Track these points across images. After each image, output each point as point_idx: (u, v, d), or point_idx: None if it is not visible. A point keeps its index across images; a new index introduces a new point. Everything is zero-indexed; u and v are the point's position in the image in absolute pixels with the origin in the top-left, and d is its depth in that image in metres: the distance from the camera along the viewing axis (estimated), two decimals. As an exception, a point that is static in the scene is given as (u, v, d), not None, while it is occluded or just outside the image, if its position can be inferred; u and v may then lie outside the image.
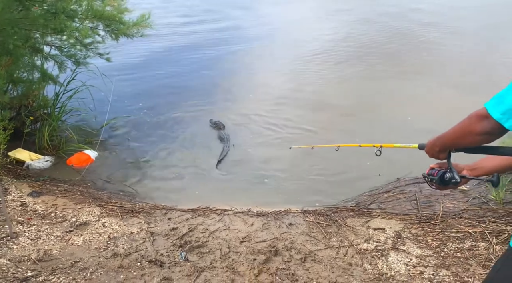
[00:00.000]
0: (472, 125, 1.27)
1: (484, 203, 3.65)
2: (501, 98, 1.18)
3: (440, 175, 1.53)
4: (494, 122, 1.19)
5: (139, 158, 4.76)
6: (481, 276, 2.65)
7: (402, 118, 5.55)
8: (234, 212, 3.64)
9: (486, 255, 2.89)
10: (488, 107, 1.21)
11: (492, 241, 3.03)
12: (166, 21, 10.13)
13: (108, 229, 3.29)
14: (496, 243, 3.00)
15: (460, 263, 2.81)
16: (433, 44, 8.97)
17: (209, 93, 6.53)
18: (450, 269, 2.73)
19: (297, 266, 2.80)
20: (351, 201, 3.93)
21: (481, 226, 3.25)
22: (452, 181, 1.52)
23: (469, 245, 3.03)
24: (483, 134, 1.25)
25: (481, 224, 3.28)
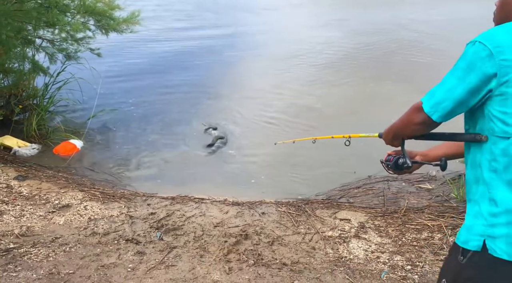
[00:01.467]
0: (410, 116, 1.37)
1: (446, 200, 3.89)
2: (432, 93, 1.30)
3: (395, 161, 1.62)
4: (425, 114, 1.30)
5: (123, 148, 4.95)
6: (432, 261, 2.88)
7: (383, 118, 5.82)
8: (211, 201, 3.83)
9: (439, 245, 3.12)
10: (423, 101, 1.32)
11: (447, 233, 3.26)
12: (162, 21, 10.36)
13: (89, 212, 3.46)
14: (450, 235, 3.24)
15: (415, 251, 3.04)
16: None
17: (199, 91, 6.73)
18: (405, 255, 2.96)
19: (264, 248, 3.00)
20: (323, 195, 4.15)
21: (439, 220, 3.49)
22: (404, 166, 1.59)
23: (426, 236, 3.26)
24: (419, 125, 1.35)
25: (440, 218, 3.52)
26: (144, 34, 8.46)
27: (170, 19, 11.44)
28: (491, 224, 1.22)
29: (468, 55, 1.25)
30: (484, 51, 1.20)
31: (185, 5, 13.15)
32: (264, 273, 2.65)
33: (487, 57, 1.19)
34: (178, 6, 13.04)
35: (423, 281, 2.65)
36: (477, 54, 1.21)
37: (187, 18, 11.72)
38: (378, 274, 2.71)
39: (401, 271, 2.76)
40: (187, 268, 2.66)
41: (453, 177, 4.21)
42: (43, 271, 2.51)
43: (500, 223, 1.21)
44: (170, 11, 12.17)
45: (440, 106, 1.27)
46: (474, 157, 1.31)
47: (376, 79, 7.64)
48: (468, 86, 1.22)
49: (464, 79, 1.23)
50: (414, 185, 4.21)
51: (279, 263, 2.78)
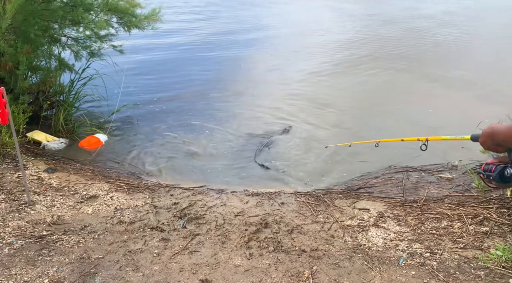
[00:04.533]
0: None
1: (466, 190, 3.88)
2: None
3: (499, 171, 1.28)
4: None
5: (146, 142, 5.10)
6: (451, 249, 2.89)
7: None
8: (231, 192, 3.94)
9: (459, 233, 3.12)
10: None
11: (467, 222, 3.26)
12: (182, 17, 10.50)
13: (115, 202, 3.61)
14: (470, 224, 3.24)
15: (434, 239, 3.06)
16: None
17: (220, 87, 6.87)
18: (423, 243, 2.98)
19: (284, 236, 3.08)
20: (342, 185, 4.19)
21: (459, 209, 3.48)
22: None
23: (445, 224, 3.27)
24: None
25: (460, 207, 3.52)
26: (165, 31, 8.64)
27: (189, 15, 11.58)
28: None
29: None
30: None
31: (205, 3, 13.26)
32: (283, 258, 2.72)
33: None
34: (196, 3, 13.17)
35: (442, 267, 2.67)
36: None
37: (209, 14, 11.82)
38: (396, 260, 2.74)
39: (420, 258, 2.79)
40: (210, 253, 2.76)
41: (474, 166, 4.18)
42: (74, 256, 2.66)
43: None
44: (188, 8, 12.29)
45: None
46: None
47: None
48: None
49: None
50: (434, 174, 4.20)
51: (298, 249, 2.85)
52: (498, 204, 3.46)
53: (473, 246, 2.95)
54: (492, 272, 2.61)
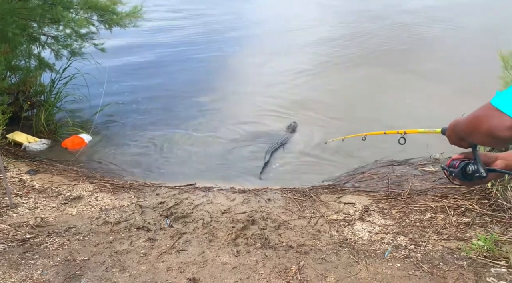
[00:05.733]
0: (481, 119, 1.01)
1: (449, 182, 3.94)
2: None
3: (462, 167, 1.22)
4: (507, 118, 0.95)
5: (130, 141, 5.05)
6: (435, 241, 2.95)
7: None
8: (218, 189, 3.93)
9: (442, 225, 3.19)
10: (499, 100, 0.97)
11: (450, 213, 3.33)
12: (164, 15, 10.41)
13: (100, 202, 3.57)
14: (453, 215, 3.31)
15: (418, 231, 3.11)
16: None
17: (201, 85, 6.82)
18: (408, 236, 3.03)
19: (271, 233, 3.09)
20: (328, 181, 4.23)
21: (442, 201, 3.55)
22: (476, 175, 1.19)
23: (429, 216, 3.33)
24: (490, 136, 0.99)
25: (443, 200, 3.58)
26: (148, 29, 8.56)
27: (171, 13, 11.50)
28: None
29: None
30: None
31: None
32: (271, 255, 2.74)
33: None
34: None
35: (426, 259, 2.72)
36: None
37: (191, 12, 11.74)
38: (381, 253, 2.79)
39: (405, 250, 2.84)
40: (197, 252, 2.76)
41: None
42: (59, 258, 2.62)
43: None
44: (169, 6, 12.20)
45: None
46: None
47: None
48: None
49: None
50: (418, 168, 4.26)
51: (285, 245, 2.87)
52: (479, 195, 3.54)
53: (456, 237, 3.02)
54: (475, 262, 2.67)
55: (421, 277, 2.53)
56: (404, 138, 1.76)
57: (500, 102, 0.95)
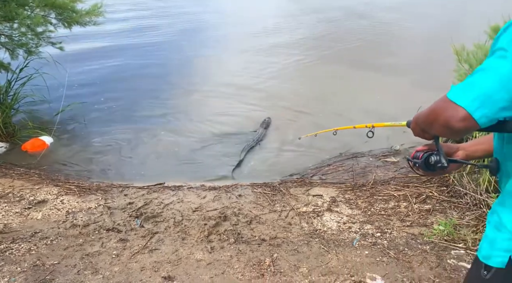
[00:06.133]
0: (438, 112, 1.06)
1: (410, 172, 4.13)
2: (469, 84, 1.02)
3: (425, 158, 1.27)
4: (461, 111, 1.01)
5: (94, 142, 4.92)
6: (399, 228, 3.10)
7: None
8: (188, 188, 3.92)
9: (405, 212, 3.35)
10: (454, 94, 1.03)
11: (412, 201, 3.50)
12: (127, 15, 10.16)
13: (66, 205, 3.48)
14: (415, 203, 3.48)
15: (383, 219, 3.26)
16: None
17: (166, 84, 6.75)
18: (374, 224, 3.17)
19: (243, 228, 3.13)
20: (296, 174, 4.32)
21: (404, 190, 3.72)
22: (438, 165, 1.25)
23: (393, 205, 3.48)
24: (446, 127, 1.05)
25: (405, 188, 3.76)
26: (108, 27, 8.35)
27: (132, 12, 11.26)
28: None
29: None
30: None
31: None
32: (244, 249, 2.78)
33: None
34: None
35: (392, 245, 2.86)
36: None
37: (153, 11, 11.53)
38: (350, 242, 2.90)
39: (371, 238, 2.96)
40: (171, 250, 2.76)
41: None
42: (27, 264, 2.54)
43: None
44: (132, 4, 11.94)
45: (490, 99, 0.96)
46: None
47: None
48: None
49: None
50: (381, 159, 4.44)
51: (258, 239, 2.92)
52: (438, 183, 3.74)
53: (418, 223, 3.18)
54: (437, 246, 2.84)
55: (388, 263, 2.65)
56: (372, 131, 1.80)
57: (454, 95, 1.01)
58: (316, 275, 2.52)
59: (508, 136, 1.15)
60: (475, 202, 3.32)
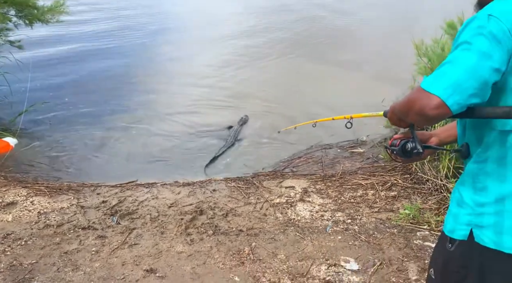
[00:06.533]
0: (414, 100, 1.14)
1: (375, 161, 4.35)
2: (441, 74, 1.10)
3: (402, 145, 1.35)
4: (435, 99, 1.09)
5: (61, 142, 4.82)
6: (368, 214, 3.27)
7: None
8: (161, 184, 3.93)
9: (373, 200, 3.53)
10: (427, 84, 1.11)
11: (379, 189, 3.70)
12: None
13: (37, 206, 3.41)
14: (381, 190, 3.68)
15: (353, 207, 3.43)
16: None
17: (131, 84, 6.68)
18: (345, 211, 3.33)
19: (220, 220, 3.20)
20: (269, 168, 4.43)
21: (371, 178, 3.92)
22: (414, 152, 1.33)
23: (361, 193, 3.67)
24: (421, 114, 1.13)
25: (372, 177, 3.96)
26: (71, 24, 8.13)
27: (93, 5, 10.99)
28: (478, 213, 1.21)
29: (488, 29, 1.07)
30: (504, 26, 1.06)
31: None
32: (223, 240, 2.86)
33: (508, 33, 1.06)
34: None
35: (362, 230, 3.02)
36: (500, 29, 1.06)
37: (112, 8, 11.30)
38: (323, 229, 3.04)
39: (343, 224, 3.12)
40: (150, 244, 2.79)
41: (380, 140, 4.70)
42: (3, 265, 2.50)
43: (489, 213, 1.18)
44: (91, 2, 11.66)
45: (461, 87, 1.05)
46: (482, 137, 1.21)
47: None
48: (494, 65, 1.05)
49: (491, 56, 1.05)
50: (348, 150, 4.63)
51: (235, 230, 3.01)
52: (402, 171, 3.96)
53: (385, 209, 3.37)
54: (403, 228, 3.03)
55: (360, 246, 2.81)
56: (350, 122, 1.80)
57: (428, 85, 1.08)
58: (293, 261, 2.64)
59: (469, 122, 1.26)
60: (436, 187, 3.56)
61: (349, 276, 2.50)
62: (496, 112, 1.11)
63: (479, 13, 1.12)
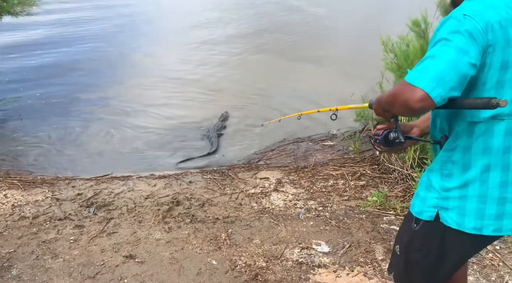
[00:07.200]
0: (399, 93, 1.21)
1: (345, 153, 4.54)
2: (422, 69, 1.17)
3: (384, 135, 1.41)
4: (420, 92, 1.15)
5: (34, 137, 4.77)
6: (338, 202, 3.44)
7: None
8: (137, 177, 3.98)
9: (343, 189, 3.70)
10: (411, 78, 1.18)
11: (348, 179, 3.87)
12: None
13: (11, 199, 3.39)
14: (351, 180, 3.85)
15: (324, 196, 3.58)
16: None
17: (103, 78, 6.64)
18: (316, 200, 3.48)
19: (197, 210, 3.29)
20: (243, 160, 4.54)
21: (341, 169, 4.10)
22: (396, 141, 1.40)
23: (332, 183, 3.83)
24: (405, 106, 1.20)
25: (342, 168, 4.13)
26: (43, 18, 7.96)
27: (66, 3, 10.77)
28: (444, 197, 1.32)
29: (464, 28, 1.15)
30: (478, 25, 1.15)
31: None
32: (201, 227, 2.95)
33: (482, 32, 1.15)
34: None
35: (333, 216, 3.18)
36: (475, 28, 1.14)
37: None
38: (296, 216, 3.18)
39: (315, 211, 3.27)
40: (129, 233, 2.85)
41: (350, 133, 4.89)
42: (-21, 255, 2.50)
43: (454, 197, 1.30)
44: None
45: (443, 80, 1.12)
46: (453, 127, 1.31)
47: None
48: (471, 60, 1.13)
49: (467, 52, 1.13)
50: (319, 143, 4.80)
51: (212, 218, 3.10)
52: (370, 162, 4.16)
53: (355, 197, 3.54)
54: (371, 214, 3.21)
55: (331, 231, 2.97)
56: (335, 114, 1.82)
57: (412, 78, 1.15)
58: (268, 245, 2.76)
59: (443, 113, 1.34)
60: (402, 176, 3.76)
61: (320, 257, 2.65)
62: (476, 103, 1.16)
63: (454, 12, 1.19)
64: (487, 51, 1.15)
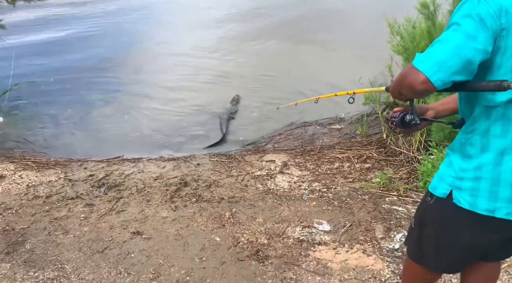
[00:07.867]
0: (405, 75, 1.26)
1: (352, 137, 4.55)
2: (429, 53, 1.20)
3: (401, 117, 1.46)
4: (421, 75, 1.20)
5: (48, 120, 4.92)
6: (342, 183, 3.48)
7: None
8: (147, 159, 4.08)
9: (348, 171, 3.74)
10: (417, 61, 1.22)
11: (354, 161, 3.91)
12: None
13: (25, 180, 3.54)
14: (357, 163, 3.89)
15: (329, 178, 3.63)
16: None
17: (119, 65, 6.75)
18: (321, 182, 3.53)
19: (203, 191, 3.38)
20: (252, 144, 4.60)
21: (347, 152, 4.12)
22: (412, 123, 1.45)
23: (337, 165, 3.87)
24: (410, 89, 1.25)
25: (348, 151, 4.16)
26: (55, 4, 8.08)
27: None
28: (460, 177, 1.35)
29: (476, 11, 1.16)
30: (491, 9, 1.15)
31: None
32: (206, 206, 3.04)
33: (495, 16, 1.14)
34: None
35: (336, 197, 3.23)
36: (487, 12, 1.14)
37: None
38: (300, 196, 3.24)
39: (319, 192, 3.32)
40: (137, 211, 2.96)
41: (358, 117, 4.90)
42: (-4, 230, 2.64)
43: (468, 178, 1.33)
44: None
45: (445, 65, 1.16)
46: (472, 110, 1.33)
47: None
48: (478, 46, 1.15)
49: (475, 37, 1.15)
50: (326, 127, 4.83)
51: (217, 198, 3.19)
52: (377, 145, 4.17)
53: (359, 179, 3.58)
54: (374, 195, 3.25)
55: (333, 210, 3.03)
56: (353, 98, 1.84)
57: (417, 62, 1.20)
58: (270, 223, 2.84)
59: (464, 96, 1.39)
60: (408, 159, 3.77)
61: (321, 235, 2.71)
62: (489, 86, 1.20)
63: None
64: (500, 35, 1.16)
